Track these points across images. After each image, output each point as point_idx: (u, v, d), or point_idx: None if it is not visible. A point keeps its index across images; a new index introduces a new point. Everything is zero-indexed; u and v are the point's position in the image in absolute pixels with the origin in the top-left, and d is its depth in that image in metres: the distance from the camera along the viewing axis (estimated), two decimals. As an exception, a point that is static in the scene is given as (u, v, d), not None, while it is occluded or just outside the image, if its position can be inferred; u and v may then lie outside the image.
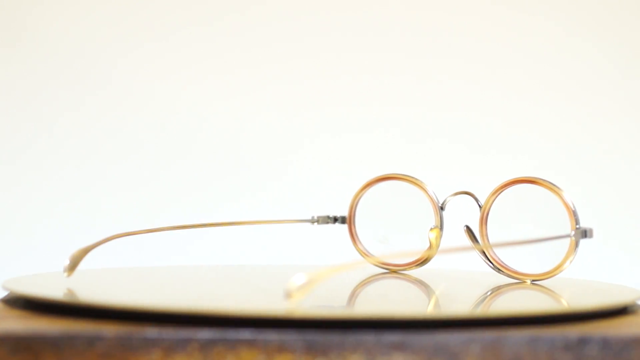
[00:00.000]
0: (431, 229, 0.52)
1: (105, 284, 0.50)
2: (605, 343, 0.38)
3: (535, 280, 0.48)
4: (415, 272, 0.54)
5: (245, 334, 0.37)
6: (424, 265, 0.53)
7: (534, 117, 0.74)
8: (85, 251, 0.51)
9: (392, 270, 0.54)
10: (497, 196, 0.49)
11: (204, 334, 0.37)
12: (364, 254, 0.55)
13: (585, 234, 0.48)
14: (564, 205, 0.47)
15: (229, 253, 0.72)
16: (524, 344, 0.38)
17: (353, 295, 0.48)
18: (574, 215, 0.47)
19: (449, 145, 0.73)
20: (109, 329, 0.38)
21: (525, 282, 0.49)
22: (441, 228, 0.52)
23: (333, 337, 0.38)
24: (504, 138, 0.73)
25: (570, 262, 0.47)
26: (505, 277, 0.50)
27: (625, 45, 0.74)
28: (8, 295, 0.47)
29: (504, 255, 0.49)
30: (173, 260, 0.71)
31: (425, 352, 0.38)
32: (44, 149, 0.72)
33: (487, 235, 0.49)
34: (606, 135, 0.73)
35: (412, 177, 0.53)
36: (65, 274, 0.51)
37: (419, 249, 0.53)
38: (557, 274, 0.48)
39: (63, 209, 0.72)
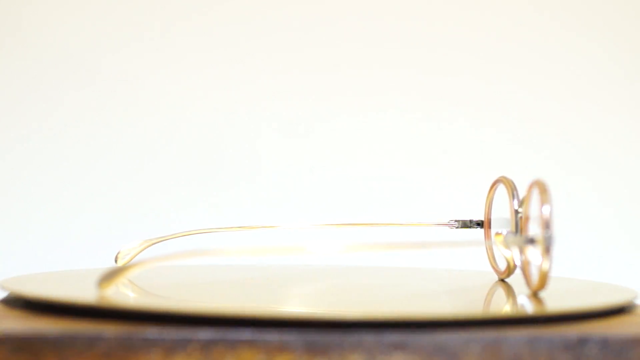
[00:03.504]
0: (496, 234, 0.51)
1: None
2: (605, 343, 0.38)
3: (535, 290, 0.47)
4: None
5: (246, 334, 0.37)
6: (512, 273, 0.52)
7: (535, 115, 0.74)
8: (149, 243, 0.52)
9: (500, 277, 0.54)
10: (529, 199, 0.48)
11: (204, 334, 0.37)
12: (492, 259, 0.54)
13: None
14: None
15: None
16: (524, 344, 0.38)
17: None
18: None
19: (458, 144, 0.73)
20: (109, 329, 0.38)
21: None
22: (515, 234, 0.50)
23: (333, 337, 0.38)
24: (508, 136, 0.73)
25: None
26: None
27: (630, 44, 0.74)
28: (8, 295, 0.47)
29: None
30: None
31: (425, 352, 0.38)
32: (44, 147, 0.72)
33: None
34: (606, 134, 0.73)
35: (508, 180, 0.51)
36: (119, 263, 0.52)
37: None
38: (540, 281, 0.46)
39: (61, 209, 0.72)
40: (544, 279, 0.45)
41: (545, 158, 0.73)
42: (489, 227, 0.54)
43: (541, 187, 0.45)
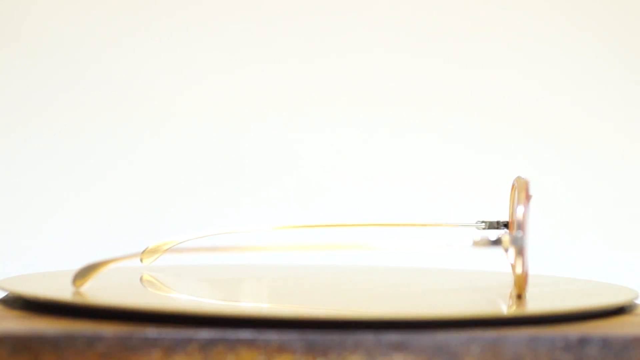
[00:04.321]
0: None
1: (105, 283, 0.50)
2: (605, 343, 0.38)
3: (517, 293, 0.47)
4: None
5: (245, 334, 0.37)
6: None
7: (532, 116, 0.74)
8: (175, 242, 0.52)
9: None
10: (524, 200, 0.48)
11: (204, 334, 0.37)
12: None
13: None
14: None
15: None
16: (524, 344, 0.38)
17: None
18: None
19: (447, 145, 0.74)
20: (109, 329, 0.38)
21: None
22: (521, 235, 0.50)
23: (333, 337, 0.38)
24: (501, 138, 0.73)
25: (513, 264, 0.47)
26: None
27: (622, 45, 0.74)
28: (7, 295, 0.46)
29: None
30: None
31: (425, 352, 0.38)
32: (47, 148, 0.72)
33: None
34: (604, 134, 0.73)
35: (520, 180, 0.51)
36: (145, 262, 0.52)
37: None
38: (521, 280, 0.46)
39: (61, 209, 0.72)
40: (519, 281, 0.44)
41: (546, 158, 0.73)
42: (513, 227, 0.54)
43: (519, 187, 0.45)
